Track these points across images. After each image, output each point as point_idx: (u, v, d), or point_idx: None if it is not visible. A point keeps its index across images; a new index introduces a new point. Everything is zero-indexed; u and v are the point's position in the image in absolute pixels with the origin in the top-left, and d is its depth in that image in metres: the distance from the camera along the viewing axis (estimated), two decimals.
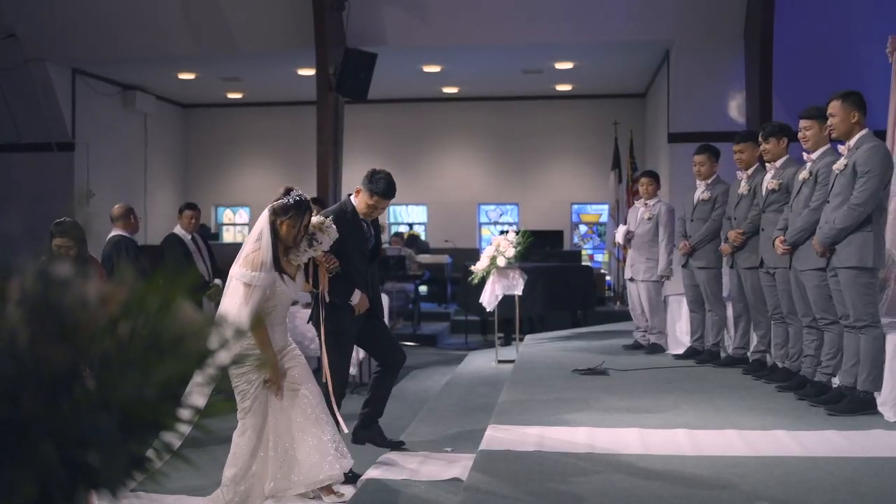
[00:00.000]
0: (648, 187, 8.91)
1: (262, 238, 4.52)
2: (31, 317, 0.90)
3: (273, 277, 4.48)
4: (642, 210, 8.86)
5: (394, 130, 17.16)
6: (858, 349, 5.66)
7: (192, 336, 0.98)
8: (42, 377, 0.86)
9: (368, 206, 5.33)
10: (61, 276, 0.91)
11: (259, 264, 4.45)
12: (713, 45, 11.54)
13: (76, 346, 0.90)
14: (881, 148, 5.79)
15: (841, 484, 4.02)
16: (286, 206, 4.57)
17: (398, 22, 11.80)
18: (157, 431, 0.95)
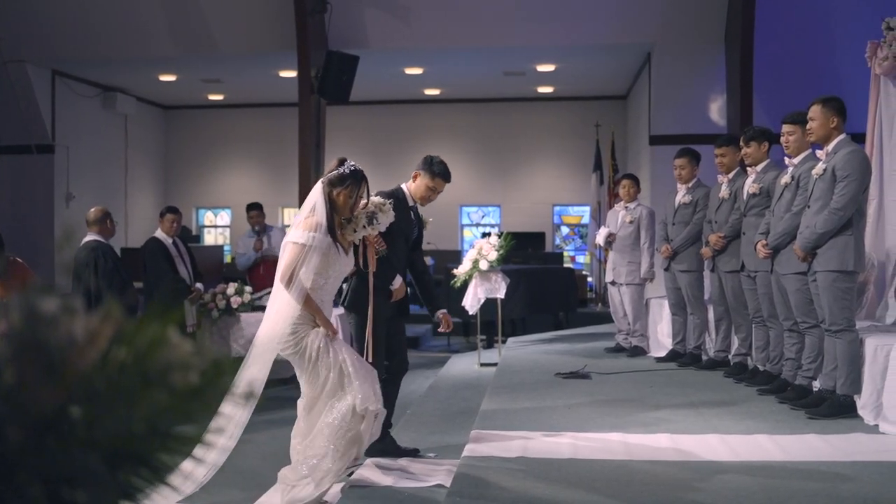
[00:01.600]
0: (630, 190, 8.94)
1: (317, 208, 4.45)
2: (18, 354, 0.89)
3: (329, 243, 4.41)
4: (623, 213, 8.89)
5: (375, 132, 17.14)
6: (837, 353, 5.70)
7: (179, 368, 0.97)
8: (29, 415, 0.85)
9: (428, 188, 5.33)
10: (48, 311, 0.91)
11: (315, 226, 4.38)
12: (694, 48, 11.59)
13: (64, 384, 0.89)
14: (859, 153, 5.85)
15: (823, 489, 4.05)
16: (343, 175, 4.53)
17: (380, 24, 11.78)
18: (147, 464, 0.95)
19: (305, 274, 4.31)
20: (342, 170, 4.54)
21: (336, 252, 4.44)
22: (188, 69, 13.95)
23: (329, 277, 4.46)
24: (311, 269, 4.32)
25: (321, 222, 4.40)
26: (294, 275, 4.30)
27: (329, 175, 4.54)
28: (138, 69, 13.78)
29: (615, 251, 8.87)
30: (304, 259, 4.31)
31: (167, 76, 14.39)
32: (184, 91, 15.81)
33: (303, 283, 4.31)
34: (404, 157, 17.30)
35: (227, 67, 13.77)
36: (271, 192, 16.85)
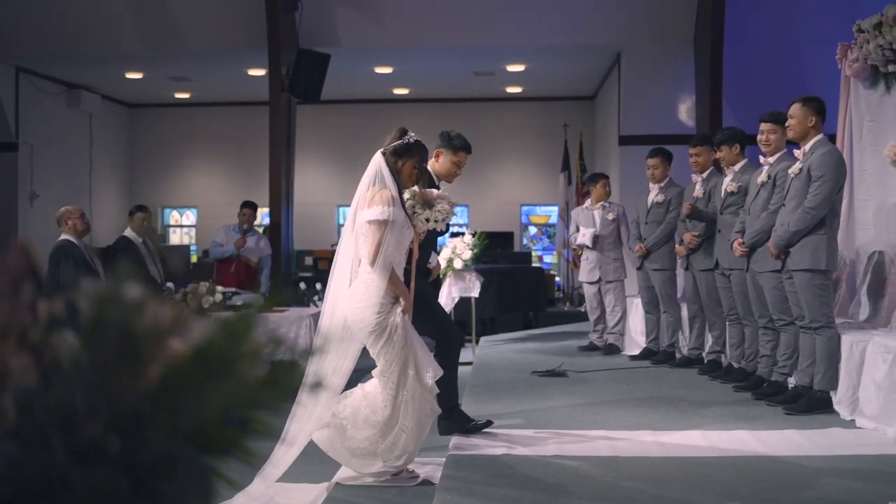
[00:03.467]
0: (608, 188, 9.03)
1: (386, 179, 4.38)
2: (100, 343, 0.88)
3: (404, 216, 4.36)
4: (602, 212, 8.93)
5: (343, 131, 17.07)
6: (814, 349, 5.79)
7: (255, 358, 0.97)
8: (113, 405, 0.84)
9: (454, 163, 5.32)
10: (134, 299, 0.90)
11: (390, 199, 4.31)
12: (664, 49, 11.69)
13: (148, 372, 0.88)
14: (835, 153, 5.94)
15: (807, 483, 4.10)
16: (408, 145, 4.49)
17: (350, 23, 11.75)
18: (228, 452, 0.94)
19: (388, 250, 4.28)
20: (406, 139, 4.50)
21: (408, 224, 4.41)
22: (155, 67, 13.80)
23: (402, 253, 4.43)
24: (392, 245, 4.29)
25: (394, 195, 4.34)
26: (380, 253, 4.26)
27: (394, 145, 4.48)
28: (104, 67, 13.60)
29: (599, 250, 8.88)
30: (385, 236, 4.27)
31: (134, 74, 14.22)
32: (150, 89, 15.64)
33: (388, 261, 4.28)
34: (372, 155, 17.28)
35: (195, 65, 13.64)
36: (238, 191, 16.68)
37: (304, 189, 14.58)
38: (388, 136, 4.56)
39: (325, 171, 17.12)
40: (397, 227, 4.31)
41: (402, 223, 4.35)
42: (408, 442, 4.43)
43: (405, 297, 4.36)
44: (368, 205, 4.36)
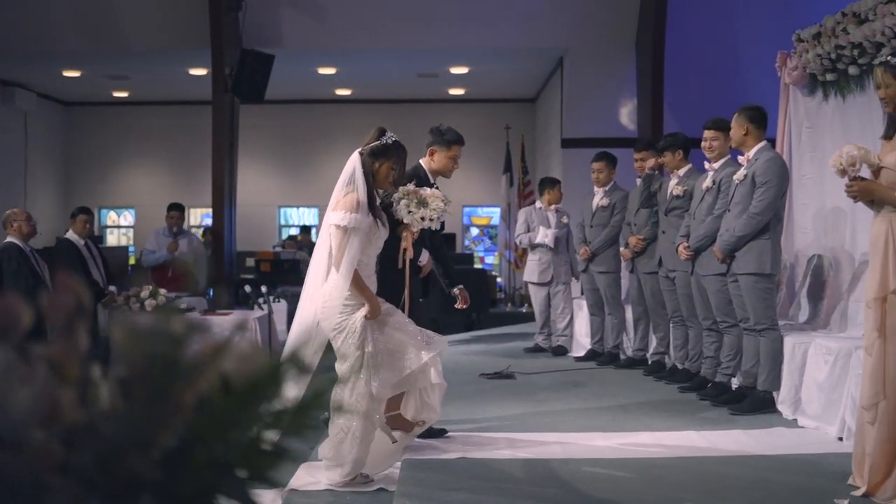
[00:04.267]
0: (561, 193, 9.10)
1: (356, 180, 4.34)
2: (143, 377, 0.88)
3: (370, 222, 4.32)
4: (557, 215, 9.01)
5: (285, 132, 16.95)
6: (758, 351, 5.94)
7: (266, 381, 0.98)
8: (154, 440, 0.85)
9: (450, 158, 5.32)
10: (177, 332, 0.90)
11: (355, 205, 4.27)
12: (606, 53, 11.84)
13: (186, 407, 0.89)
14: (778, 160, 6.12)
15: (755, 481, 4.21)
16: (385, 146, 4.43)
17: (295, 24, 11.67)
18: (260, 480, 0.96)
19: (352, 258, 4.26)
20: (384, 140, 4.45)
21: (376, 228, 4.38)
22: (94, 65, 13.52)
23: (370, 255, 4.41)
24: (355, 250, 4.27)
25: (361, 199, 4.30)
26: (343, 257, 4.24)
27: (371, 146, 4.44)
28: (40, 64, 13.29)
29: (554, 252, 8.94)
30: (348, 241, 4.25)
31: (71, 72, 13.92)
32: (88, 87, 15.32)
33: (352, 265, 4.27)
34: (314, 156, 17.18)
35: (135, 64, 13.41)
36: (178, 192, 16.45)
37: (245, 190, 14.44)
38: (367, 136, 4.54)
39: (267, 171, 16.97)
40: (361, 232, 4.30)
41: (368, 228, 4.35)
42: (352, 445, 4.39)
43: (369, 301, 4.35)
44: (334, 208, 4.37)
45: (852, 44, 6.28)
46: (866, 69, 6.28)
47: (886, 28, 5.78)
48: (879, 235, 3.87)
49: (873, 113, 6.25)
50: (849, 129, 6.63)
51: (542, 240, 8.92)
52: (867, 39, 6.06)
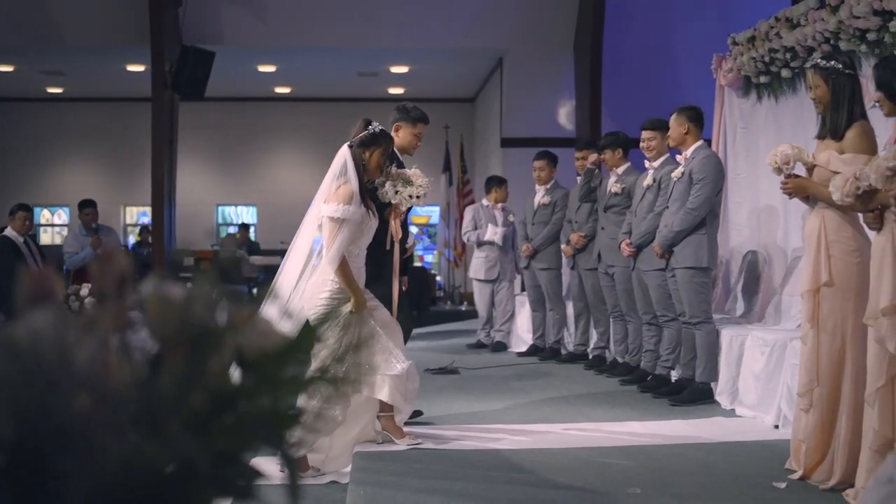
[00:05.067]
0: (507, 192, 9.23)
1: (349, 173, 4.43)
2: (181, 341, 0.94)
3: (363, 213, 4.40)
4: (503, 213, 9.13)
5: (222, 129, 16.80)
6: (695, 343, 6.14)
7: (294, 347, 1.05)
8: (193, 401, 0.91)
9: (414, 135, 5.38)
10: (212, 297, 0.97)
11: (349, 197, 4.37)
12: (545, 55, 12.01)
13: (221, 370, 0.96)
14: (714, 157, 6.34)
15: (699, 467, 4.38)
16: (374, 135, 4.54)
17: (235, 21, 11.61)
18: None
19: (340, 246, 4.33)
20: (371, 129, 4.55)
21: (368, 218, 4.46)
22: (28, 60, 13.25)
23: (361, 247, 4.49)
24: (346, 240, 4.34)
25: (354, 191, 4.40)
26: (333, 248, 4.32)
27: (360, 137, 4.54)
28: None
29: (501, 249, 9.06)
30: (338, 231, 4.32)
31: (3, 66, 13.62)
32: (20, 82, 14.99)
33: (339, 253, 4.32)
34: (252, 154, 17.08)
35: (71, 59, 13.17)
36: (114, 189, 16.25)
37: (182, 188, 14.28)
38: (353, 129, 4.63)
39: (204, 169, 16.80)
40: (353, 223, 4.38)
41: (360, 219, 4.43)
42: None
43: (355, 294, 4.41)
44: (327, 200, 4.45)
45: (785, 47, 6.51)
46: (798, 72, 6.52)
47: (817, 33, 6.01)
48: (813, 230, 4.05)
49: (805, 114, 6.48)
50: (781, 130, 6.86)
51: (492, 237, 9.04)
52: (799, 44, 6.29)
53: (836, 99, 4.03)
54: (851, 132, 3.95)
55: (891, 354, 3.47)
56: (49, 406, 0.70)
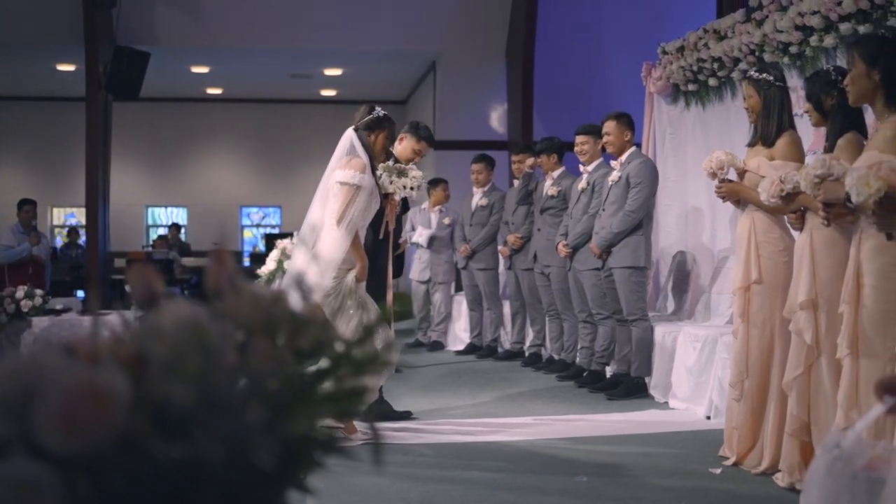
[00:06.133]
0: (447, 192, 9.40)
1: (357, 150, 4.58)
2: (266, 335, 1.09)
3: (373, 184, 4.56)
4: (439, 216, 9.30)
5: (153, 130, 16.64)
6: (630, 340, 6.42)
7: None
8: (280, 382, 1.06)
9: (414, 151, 5.51)
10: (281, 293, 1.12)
11: (363, 167, 4.52)
12: (478, 59, 12.23)
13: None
14: (650, 163, 6.64)
15: (639, 457, 4.63)
16: (379, 118, 4.76)
17: (169, 21, 11.56)
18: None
19: (353, 213, 4.47)
20: (376, 113, 4.75)
21: (376, 193, 4.62)
22: None
23: (366, 220, 4.64)
24: (359, 210, 4.47)
25: (366, 164, 4.55)
26: (346, 215, 4.43)
27: (366, 120, 4.74)
28: None
29: (433, 251, 9.23)
30: (354, 199, 4.45)
31: None
32: None
33: (353, 224, 4.44)
34: (183, 155, 16.96)
35: None
36: (40, 190, 15.89)
37: (112, 189, 14.12)
38: (357, 114, 4.81)
39: (135, 170, 16.61)
40: (365, 193, 4.55)
41: (371, 191, 4.60)
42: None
43: (362, 260, 4.58)
44: (342, 168, 4.59)
45: (713, 58, 6.84)
46: (725, 81, 6.86)
47: (743, 45, 6.35)
48: (744, 231, 4.34)
49: (731, 120, 6.85)
50: (709, 136, 7.20)
51: (417, 239, 9.22)
52: (726, 54, 6.62)
53: (768, 109, 4.33)
54: (781, 140, 4.26)
55: (808, 345, 3.77)
56: (213, 381, 0.85)
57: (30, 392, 0.85)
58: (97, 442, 0.80)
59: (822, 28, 5.46)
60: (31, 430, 0.83)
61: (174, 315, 0.89)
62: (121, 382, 0.81)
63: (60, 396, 0.81)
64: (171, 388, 0.81)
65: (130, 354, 0.91)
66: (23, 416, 0.85)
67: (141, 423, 0.80)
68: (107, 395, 0.80)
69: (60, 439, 0.80)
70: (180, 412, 0.81)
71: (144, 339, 0.87)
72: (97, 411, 0.80)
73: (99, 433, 0.80)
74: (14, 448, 0.84)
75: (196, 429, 0.81)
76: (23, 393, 0.85)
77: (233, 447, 0.83)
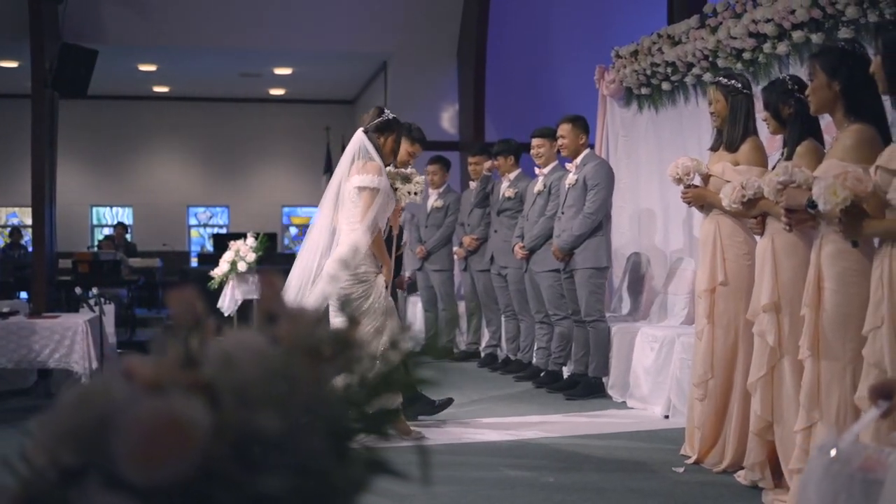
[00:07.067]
0: None
1: (370, 152, 4.60)
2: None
3: (389, 186, 4.61)
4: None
5: (98, 128, 16.34)
6: (587, 340, 6.51)
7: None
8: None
9: (408, 153, 5.58)
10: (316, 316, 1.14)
11: (380, 170, 4.55)
12: (429, 60, 12.25)
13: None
14: (606, 164, 6.74)
15: (604, 456, 4.71)
16: (388, 121, 4.78)
17: (116, 19, 11.38)
18: None
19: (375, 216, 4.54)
20: (385, 116, 4.78)
21: (391, 196, 4.67)
22: None
23: (383, 221, 4.70)
24: (380, 212, 4.54)
25: (380, 166, 4.59)
26: (368, 218, 4.49)
27: (375, 122, 4.76)
28: None
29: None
30: (375, 202, 4.49)
31: None
32: None
33: (376, 223, 4.49)
34: (129, 154, 16.69)
35: None
36: None
37: (65, 188, 13.89)
38: (366, 116, 4.81)
39: (79, 169, 16.30)
40: (383, 195, 4.61)
41: (388, 193, 4.65)
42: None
43: (387, 264, 4.60)
44: (359, 172, 4.61)
45: (666, 62, 6.96)
46: (678, 85, 6.98)
47: (697, 50, 6.47)
48: (709, 234, 4.44)
49: (684, 124, 6.98)
50: (661, 139, 7.33)
51: None
52: (680, 59, 6.74)
53: (734, 115, 4.45)
54: (745, 146, 4.37)
55: (770, 347, 3.87)
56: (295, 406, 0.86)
57: (104, 422, 0.85)
58: (179, 473, 0.81)
59: (775, 35, 5.59)
60: (108, 461, 0.84)
61: (243, 341, 0.91)
62: (200, 412, 0.83)
63: (140, 427, 0.82)
64: (257, 416, 0.82)
65: (194, 382, 0.92)
66: (97, 447, 0.85)
67: (222, 454, 0.82)
68: (188, 425, 0.81)
69: (143, 471, 0.81)
70: (265, 441, 0.82)
71: (215, 365, 0.88)
72: (179, 442, 0.81)
73: (181, 464, 0.81)
74: (90, 479, 0.85)
75: (281, 457, 0.83)
76: (96, 422, 0.86)
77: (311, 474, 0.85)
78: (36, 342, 7.22)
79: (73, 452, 0.87)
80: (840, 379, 3.36)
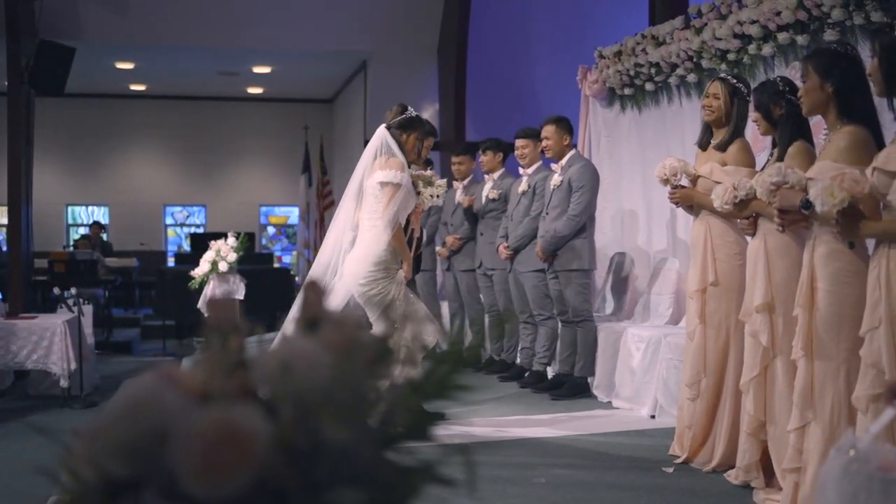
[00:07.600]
0: None
1: (394, 149, 4.60)
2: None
3: (410, 183, 4.62)
4: None
5: (74, 127, 16.17)
6: (574, 340, 6.52)
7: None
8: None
9: (425, 146, 5.61)
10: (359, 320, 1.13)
11: (402, 166, 4.55)
12: (409, 59, 12.23)
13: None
14: (590, 166, 6.74)
15: (594, 455, 4.72)
16: (411, 119, 4.78)
17: (94, 16, 11.27)
18: None
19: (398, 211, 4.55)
20: (409, 113, 4.77)
21: (413, 193, 4.67)
22: None
23: (404, 217, 4.70)
24: (402, 207, 4.54)
25: (403, 163, 4.59)
26: (390, 212, 4.50)
27: (398, 119, 4.76)
28: None
29: None
30: (396, 197, 4.49)
31: None
32: None
33: (396, 219, 4.48)
34: (105, 153, 16.53)
35: None
36: None
37: (43, 187, 13.75)
38: (389, 113, 4.79)
39: (54, 167, 16.13)
40: (405, 190, 4.62)
41: (410, 189, 4.66)
42: None
43: (408, 260, 4.58)
44: (382, 168, 4.62)
45: (650, 63, 6.98)
46: (662, 86, 7.01)
47: (681, 51, 6.50)
48: (699, 235, 4.46)
49: (667, 125, 7.00)
50: (644, 139, 7.35)
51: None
52: (664, 60, 6.76)
53: (731, 116, 4.47)
54: (734, 147, 4.39)
55: (764, 347, 3.89)
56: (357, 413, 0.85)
57: (160, 434, 0.83)
58: (242, 485, 0.79)
59: (760, 37, 5.62)
60: (165, 474, 0.82)
61: (297, 349, 0.89)
62: (261, 422, 0.81)
63: (201, 438, 0.80)
64: (321, 426, 0.81)
65: (243, 390, 0.91)
66: (152, 459, 0.83)
67: (284, 465, 0.80)
68: (250, 436, 0.80)
69: (205, 484, 0.79)
70: (329, 451, 0.81)
71: (270, 374, 0.87)
72: (242, 453, 0.79)
73: (243, 476, 0.79)
74: (147, 492, 0.83)
75: (347, 468, 0.81)
76: (151, 435, 0.84)
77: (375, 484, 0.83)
78: (14, 343, 7.15)
79: (126, 465, 0.84)
80: (833, 379, 3.38)
